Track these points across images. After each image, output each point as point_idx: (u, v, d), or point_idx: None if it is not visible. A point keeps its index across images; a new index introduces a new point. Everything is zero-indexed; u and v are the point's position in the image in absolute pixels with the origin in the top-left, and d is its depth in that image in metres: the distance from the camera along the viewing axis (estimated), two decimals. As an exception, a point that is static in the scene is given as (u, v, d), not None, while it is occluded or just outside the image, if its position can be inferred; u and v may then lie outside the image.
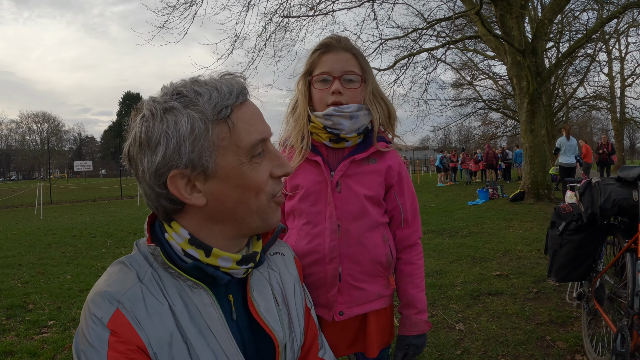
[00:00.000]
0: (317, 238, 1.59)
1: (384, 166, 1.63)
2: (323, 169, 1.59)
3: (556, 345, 3.67)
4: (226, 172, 0.99)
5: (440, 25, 18.15)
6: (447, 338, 3.91)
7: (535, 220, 10.12)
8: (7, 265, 7.71)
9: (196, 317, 0.99)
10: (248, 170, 1.01)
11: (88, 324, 0.92)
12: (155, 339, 0.93)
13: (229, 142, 0.98)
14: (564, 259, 3.42)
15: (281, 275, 1.22)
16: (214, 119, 0.96)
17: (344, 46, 1.59)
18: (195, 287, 1.01)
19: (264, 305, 1.11)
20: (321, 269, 1.59)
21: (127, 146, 1.01)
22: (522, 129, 14.73)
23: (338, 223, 1.58)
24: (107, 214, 17.14)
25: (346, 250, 1.59)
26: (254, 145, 1.00)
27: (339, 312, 1.61)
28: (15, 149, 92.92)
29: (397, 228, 1.71)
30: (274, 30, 14.95)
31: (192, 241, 1.02)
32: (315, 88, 1.60)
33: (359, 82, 1.59)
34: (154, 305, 0.96)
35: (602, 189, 3.13)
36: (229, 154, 0.98)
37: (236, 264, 1.05)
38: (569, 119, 36.41)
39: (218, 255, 1.03)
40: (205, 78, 1.02)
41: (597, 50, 28.03)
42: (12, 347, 4.10)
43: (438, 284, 5.48)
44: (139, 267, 1.01)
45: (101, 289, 0.96)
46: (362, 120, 1.59)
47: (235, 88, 1.00)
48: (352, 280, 1.61)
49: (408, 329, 1.69)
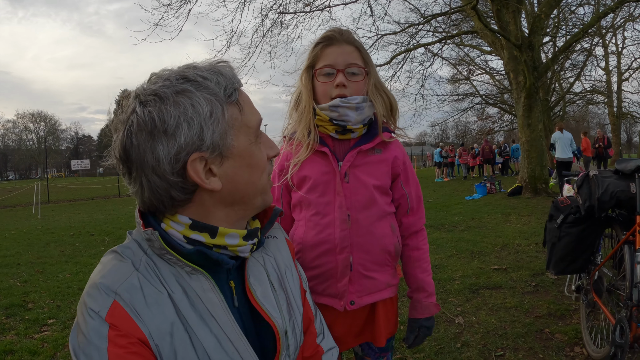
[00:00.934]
0: (327, 228, 1.60)
1: (390, 156, 1.66)
2: (331, 160, 1.60)
3: (555, 338, 3.68)
4: (240, 152, 1.00)
5: (437, 21, 18.14)
6: (447, 332, 3.92)
7: (533, 214, 10.14)
8: (5, 265, 7.71)
9: (196, 304, 0.96)
10: (256, 149, 1.04)
11: (85, 319, 0.88)
12: (156, 329, 0.90)
13: (241, 122, 1.01)
14: (562, 251, 3.43)
15: (276, 260, 1.20)
16: (227, 101, 0.98)
17: (346, 39, 1.60)
18: (194, 273, 0.98)
19: (261, 291, 1.09)
20: (332, 259, 1.60)
21: (124, 138, 0.94)
22: (519, 124, 14.75)
23: (348, 213, 1.59)
24: (105, 212, 17.14)
25: (357, 239, 1.60)
26: (259, 124, 1.06)
27: (350, 302, 1.62)
28: (12, 149, 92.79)
29: (403, 216, 1.73)
30: (270, 26, 14.93)
31: (195, 225, 0.99)
32: (319, 81, 1.61)
33: (362, 74, 1.60)
34: (153, 295, 0.93)
35: (600, 181, 3.14)
36: (241, 134, 1.01)
37: (243, 240, 1.04)
38: (566, 114, 36.50)
39: (224, 233, 1.01)
40: (202, 64, 1.00)
41: (594, 44, 28.06)
42: (12, 346, 4.10)
43: (437, 278, 5.48)
44: (133, 255, 0.97)
45: (96, 281, 0.92)
46: (366, 112, 1.61)
47: (234, 73, 1.03)
48: (362, 269, 1.62)
49: (419, 311, 1.73)
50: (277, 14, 14.64)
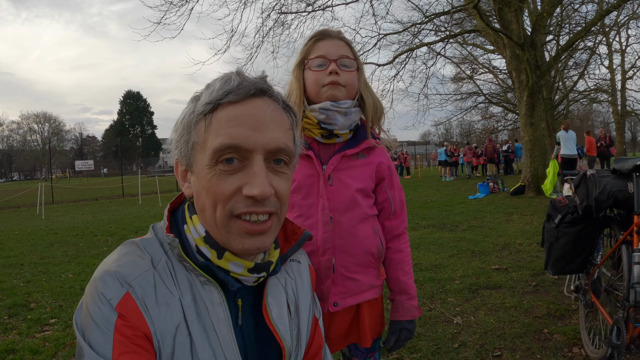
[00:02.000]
0: (309, 230, 1.60)
1: (375, 160, 1.68)
2: (315, 163, 1.63)
3: (554, 338, 3.68)
4: (197, 171, 0.98)
5: (439, 20, 18.14)
6: (445, 331, 3.93)
7: (536, 214, 10.13)
8: (9, 265, 7.74)
9: (202, 314, 0.97)
10: (211, 175, 0.95)
11: (95, 302, 0.90)
12: (161, 329, 0.92)
13: (203, 139, 0.96)
14: (560, 251, 3.42)
15: (296, 284, 1.19)
16: (199, 113, 0.97)
17: (337, 35, 1.66)
18: (207, 284, 0.99)
19: (277, 312, 1.08)
20: (314, 261, 1.60)
21: None
22: (521, 123, 14.74)
23: (330, 215, 1.61)
24: (109, 213, 17.16)
25: (339, 241, 1.62)
26: (218, 149, 0.93)
27: (334, 303, 1.63)
28: (17, 150, 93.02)
29: (385, 219, 1.75)
30: (272, 26, 14.95)
31: (207, 239, 1.00)
32: (311, 70, 1.63)
33: (355, 67, 1.64)
34: (165, 295, 0.94)
35: (597, 181, 3.13)
36: (199, 152, 0.98)
37: (247, 272, 1.01)
38: (569, 112, 36.35)
39: (230, 259, 0.99)
40: (244, 74, 1.00)
41: (597, 42, 27.95)
42: (14, 346, 4.13)
43: (437, 277, 5.50)
44: (154, 253, 0.99)
45: (112, 269, 0.93)
46: (354, 117, 1.63)
47: (233, 85, 0.96)
48: (345, 271, 1.64)
49: (401, 314, 1.74)
50: (279, 14, 14.66)
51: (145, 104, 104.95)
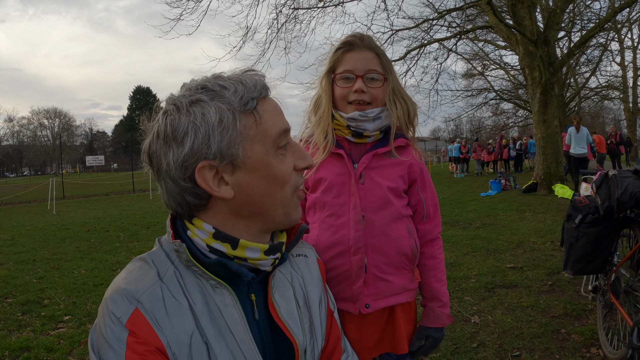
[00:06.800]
0: (341, 229, 1.58)
1: (407, 161, 1.64)
2: (346, 162, 1.60)
3: (571, 339, 3.65)
4: (254, 163, 1.00)
5: (451, 16, 17.96)
6: (463, 331, 3.90)
7: (549, 212, 10.06)
8: (21, 261, 7.78)
9: (217, 318, 0.97)
10: (275, 161, 1.02)
11: (106, 322, 0.91)
12: (175, 340, 0.92)
13: (256, 132, 0.99)
14: (580, 252, 3.38)
15: (304, 278, 1.20)
16: (241, 110, 0.98)
17: (366, 44, 1.60)
18: (218, 287, 1.00)
19: (285, 307, 1.09)
20: (346, 261, 1.58)
21: (148, 143, 1.01)
22: (534, 120, 14.64)
23: (362, 214, 1.58)
24: (120, 208, 17.25)
25: (371, 240, 1.58)
26: (279, 134, 1.02)
27: (365, 305, 1.59)
28: (27, 145, 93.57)
29: (419, 222, 1.70)
30: (284, 22, 14.93)
31: (217, 235, 1.01)
32: (338, 86, 1.61)
33: (382, 80, 1.59)
34: (174, 306, 0.95)
35: (619, 181, 3.09)
36: (256, 144, 0.99)
37: (264, 254, 1.04)
38: (581, 109, 36.14)
39: (245, 246, 1.02)
40: (227, 74, 1.03)
41: (609, 39, 27.75)
42: (28, 343, 4.13)
43: (452, 276, 5.46)
44: (160, 265, 1.00)
45: (120, 287, 0.95)
46: (384, 121, 1.61)
47: (259, 82, 1.02)
48: (377, 271, 1.60)
49: (431, 320, 1.69)
50: (291, 9, 14.64)
51: (155, 99, 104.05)
